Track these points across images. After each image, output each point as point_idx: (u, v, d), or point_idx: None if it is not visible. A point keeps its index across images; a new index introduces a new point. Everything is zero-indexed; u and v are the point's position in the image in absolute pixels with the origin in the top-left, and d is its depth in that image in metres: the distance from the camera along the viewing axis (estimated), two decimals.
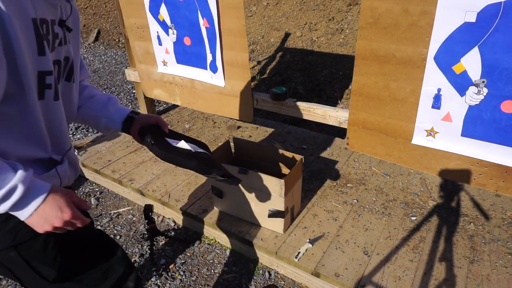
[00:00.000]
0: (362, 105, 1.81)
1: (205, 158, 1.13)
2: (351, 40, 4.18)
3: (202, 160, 1.10)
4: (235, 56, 2.09)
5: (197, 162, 1.07)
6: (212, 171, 1.11)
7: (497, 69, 1.38)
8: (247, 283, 1.78)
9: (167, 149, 1.04)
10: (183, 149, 1.11)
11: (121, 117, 1.11)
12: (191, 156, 1.08)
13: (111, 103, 1.14)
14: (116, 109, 1.13)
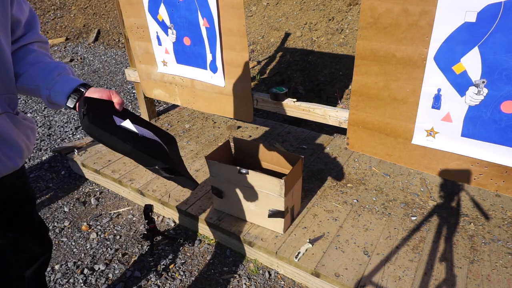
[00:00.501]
0: (362, 105, 1.81)
1: (150, 145, 0.92)
2: (351, 40, 4.18)
3: (144, 146, 0.88)
4: (235, 56, 2.09)
5: (134, 147, 0.84)
6: (154, 162, 0.88)
7: (497, 69, 1.38)
8: (247, 283, 1.78)
9: (100, 123, 0.83)
10: (124, 129, 0.90)
11: (67, 89, 0.92)
12: (130, 139, 0.86)
13: (58, 71, 0.95)
14: (64, 79, 0.94)
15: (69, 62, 5.20)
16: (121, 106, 0.97)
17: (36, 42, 1.02)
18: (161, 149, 0.96)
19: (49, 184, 2.60)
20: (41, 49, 1.03)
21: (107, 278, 1.85)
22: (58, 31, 6.19)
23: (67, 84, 0.93)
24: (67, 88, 0.92)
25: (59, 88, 0.93)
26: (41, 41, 1.04)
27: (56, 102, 0.94)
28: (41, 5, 6.60)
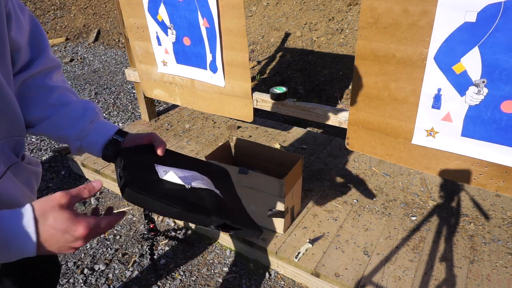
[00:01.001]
0: (362, 105, 1.81)
1: (201, 198, 0.76)
2: (351, 40, 4.18)
3: (193, 205, 0.72)
4: (235, 56, 2.09)
5: (182, 208, 0.69)
6: (209, 221, 0.72)
7: (497, 69, 1.38)
8: (247, 283, 1.78)
9: (141, 186, 0.69)
10: (169, 184, 0.75)
11: (102, 140, 0.80)
12: (177, 199, 0.71)
13: (89, 117, 0.80)
14: (97, 128, 0.80)
15: (69, 62, 5.20)
16: (163, 151, 0.83)
17: (49, 70, 0.82)
18: (214, 199, 0.78)
19: (49, 184, 2.60)
20: (61, 79, 0.85)
21: (107, 278, 1.85)
22: (58, 31, 6.19)
23: (101, 134, 0.80)
24: (102, 139, 0.80)
25: (92, 139, 0.80)
26: (54, 67, 0.83)
27: (88, 152, 0.83)
28: (41, 5, 6.60)
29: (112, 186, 2.47)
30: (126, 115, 3.62)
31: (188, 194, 0.75)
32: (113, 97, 4.02)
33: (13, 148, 0.75)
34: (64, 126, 0.79)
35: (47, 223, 0.55)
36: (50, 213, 0.55)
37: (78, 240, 0.57)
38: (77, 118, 0.80)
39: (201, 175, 0.85)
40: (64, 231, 0.55)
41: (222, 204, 0.78)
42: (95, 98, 4.02)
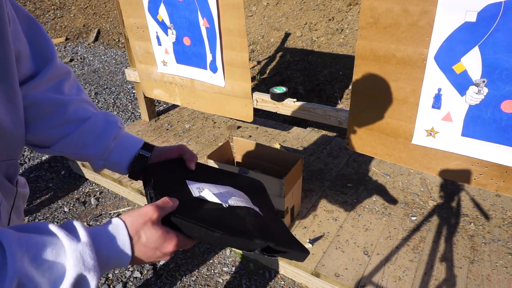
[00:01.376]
0: (362, 105, 1.81)
1: (240, 218, 0.69)
2: (351, 40, 4.18)
3: (233, 228, 0.64)
4: (235, 56, 2.09)
5: (223, 232, 0.61)
6: (252, 245, 0.64)
7: (497, 68, 1.37)
8: (247, 283, 1.78)
9: (177, 210, 0.62)
10: (207, 204, 0.68)
11: (127, 158, 0.74)
12: (215, 222, 0.63)
13: (111, 133, 0.73)
14: (120, 145, 0.74)
15: (69, 62, 5.20)
16: (194, 164, 0.76)
17: (59, 80, 0.72)
18: (254, 219, 0.70)
19: (49, 184, 2.60)
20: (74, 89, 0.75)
21: (107, 278, 1.85)
22: (58, 31, 6.19)
23: (126, 151, 0.74)
24: (127, 157, 0.74)
25: (116, 158, 0.74)
26: (63, 74, 0.73)
27: (113, 171, 0.77)
28: (41, 5, 6.60)
29: (112, 186, 2.47)
30: (126, 115, 3.62)
31: (226, 215, 0.67)
32: (113, 97, 4.02)
33: (4, 173, 0.65)
34: (84, 145, 0.71)
35: (140, 241, 0.54)
36: (143, 230, 0.54)
37: (166, 256, 0.58)
38: (99, 135, 0.72)
39: (236, 190, 0.78)
40: (155, 249, 0.55)
41: (263, 224, 0.71)
42: (95, 98, 4.02)
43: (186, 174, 0.76)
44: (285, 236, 0.73)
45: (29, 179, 2.66)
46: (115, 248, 0.52)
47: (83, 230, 0.49)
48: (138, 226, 0.54)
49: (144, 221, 0.54)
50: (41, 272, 0.44)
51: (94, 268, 0.48)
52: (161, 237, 0.55)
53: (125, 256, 0.53)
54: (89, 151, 0.72)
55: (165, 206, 0.58)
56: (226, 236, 0.62)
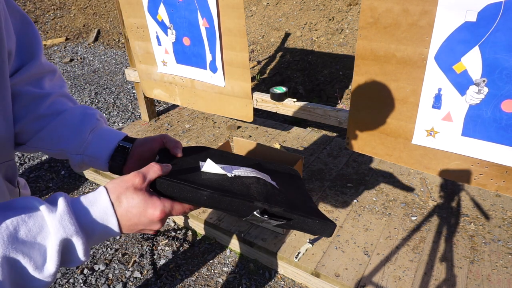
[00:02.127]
0: (362, 105, 1.81)
1: (244, 184, 0.63)
2: (351, 40, 4.18)
3: (228, 190, 0.59)
4: (235, 56, 2.09)
5: (213, 192, 0.57)
6: (249, 206, 0.58)
7: (498, 68, 1.37)
8: (247, 283, 1.78)
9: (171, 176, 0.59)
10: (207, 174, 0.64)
11: (105, 152, 0.69)
12: (206, 185, 0.59)
13: (88, 125, 0.69)
14: (98, 138, 0.69)
15: (69, 62, 5.20)
16: (180, 150, 0.70)
17: (40, 76, 0.70)
18: (263, 187, 0.64)
19: (49, 184, 2.60)
20: (57, 84, 0.73)
21: (107, 278, 1.85)
22: (58, 31, 6.19)
23: (105, 144, 0.69)
24: (106, 150, 0.69)
25: (94, 151, 0.68)
26: (45, 72, 0.71)
27: (93, 167, 0.72)
28: (41, 5, 6.60)
29: None
30: (126, 115, 3.62)
31: (227, 182, 0.62)
32: (113, 97, 4.02)
33: (4, 174, 0.65)
34: (59, 139, 0.67)
35: (122, 206, 0.53)
36: (124, 195, 0.53)
37: (154, 223, 0.55)
38: (75, 128, 0.68)
39: (255, 170, 0.70)
40: (139, 214, 0.53)
41: (272, 193, 0.64)
42: (95, 98, 4.02)
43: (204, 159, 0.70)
44: (303, 207, 0.64)
45: (29, 179, 2.66)
46: (96, 213, 0.51)
47: (62, 200, 0.50)
48: (120, 191, 0.53)
49: (126, 187, 0.53)
50: (29, 245, 0.46)
51: (77, 233, 0.49)
52: (143, 201, 0.53)
53: (109, 220, 0.52)
54: (64, 145, 0.68)
55: (149, 170, 0.56)
56: (218, 196, 0.57)
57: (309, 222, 0.60)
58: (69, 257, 0.50)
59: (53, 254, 0.47)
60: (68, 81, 4.54)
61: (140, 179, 0.54)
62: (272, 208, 0.58)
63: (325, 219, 0.61)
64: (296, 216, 0.59)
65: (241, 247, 1.91)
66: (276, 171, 0.75)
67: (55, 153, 0.70)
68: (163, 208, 0.55)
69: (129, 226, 0.54)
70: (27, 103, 0.67)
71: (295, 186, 0.74)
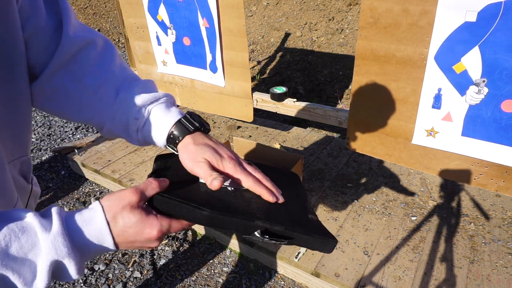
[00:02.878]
0: (362, 105, 1.81)
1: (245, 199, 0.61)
2: (351, 40, 4.18)
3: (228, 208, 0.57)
4: (235, 56, 2.09)
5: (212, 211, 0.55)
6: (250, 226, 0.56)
7: (498, 68, 1.37)
8: (247, 283, 1.78)
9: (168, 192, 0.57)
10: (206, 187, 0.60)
11: (161, 140, 0.65)
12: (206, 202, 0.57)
13: (131, 128, 0.65)
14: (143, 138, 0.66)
15: None
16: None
17: (74, 56, 0.64)
18: (264, 202, 0.62)
19: (49, 184, 2.60)
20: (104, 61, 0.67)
21: (107, 278, 1.85)
22: None
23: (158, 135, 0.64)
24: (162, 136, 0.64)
25: (151, 139, 0.65)
26: (86, 44, 0.65)
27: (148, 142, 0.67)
28: None
29: (112, 186, 2.47)
30: None
31: (228, 197, 0.60)
32: None
33: (19, 169, 0.65)
34: (117, 127, 0.66)
35: (118, 226, 0.51)
36: (120, 215, 0.51)
37: (151, 242, 0.54)
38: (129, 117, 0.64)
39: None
40: (136, 234, 0.52)
41: (275, 208, 0.61)
42: None
43: None
44: (304, 222, 0.62)
45: None
46: (91, 233, 0.50)
47: (57, 218, 0.48)
48: (116, 210, 0.51)
49: (122, 205, 0.51)
50: (19, 262, 0.45)
51: (69, 255, 0.48)
52: (140, 222, 0.52)
53: (105, 240, 0.51)
54: (121, 133, 0.66)
55: (147, 187, 0.54)
56: (217, 216, 0.55)
57: (310, 240, 0.58)
58: (60, 275, 0.49)
59: (43, 272, 0.47)
60: None
61: (137, 197, 0.52)
62: (273, 227, 0.56)
63: (326, 236, 0.59)
64: (297, 234, 0.57)
65: (241, 247, 1.91)
66: (275, 175, 0.72)
67: (114, 135, 0.69)
68: (160, 227, 0.53)
69: (125, 244, 0.53)
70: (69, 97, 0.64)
71: (295, 192, 0.72)
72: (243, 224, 0.56)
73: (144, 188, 0.54)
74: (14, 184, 0.63)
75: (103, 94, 0.64)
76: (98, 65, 0.65)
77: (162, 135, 0.64)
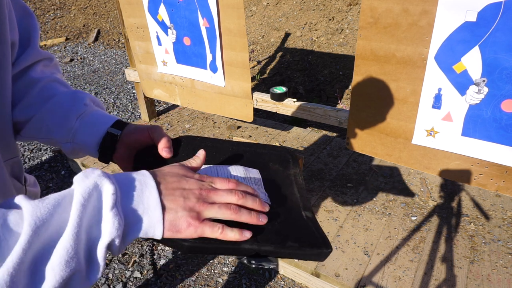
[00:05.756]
0: (362, 105, 1.81)
1: None
2: (351, 40, 4.18)
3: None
4: (235, 56, 2.09)
5: (194, 241, 0.50)
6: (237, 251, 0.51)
7: (498, 68, 1.37)
8: (247, 283, 1.78)
9: None
10: None
11: (93, 140, 0.64)
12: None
13: (76, 111, 0.64)
14: (86, 125, 0.64)
15: (69, 62, 5.20)
16: (168, 150, 0.62)
17: (37, 62, 0.68)
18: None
19: (49, 184, 2.60)
20: (48, 70, 0.70)
21: (107, 278, 1.85)
22: (58, 31, 6.19)
23: (93, 131, 0.64)
24: (95, 137, 0.64)
25: (82, 139, 0.64)
26: (44, 59, 0.69)
27: (87, 154, 0.67)
28: (41, 5, 6.60)
29: None
30: (126, 115, 3.62)
31: None
32: (113, 97, 4.02)
33: (10, 171, 0.63)
34: (48, 128, 0.64)
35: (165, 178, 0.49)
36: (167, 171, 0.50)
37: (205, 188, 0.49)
38: (63, 115, 0.64)
39: (246, 169, 0.61)
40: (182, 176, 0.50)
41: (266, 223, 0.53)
42: None
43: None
44: (297, 230, 0.55)
45: None
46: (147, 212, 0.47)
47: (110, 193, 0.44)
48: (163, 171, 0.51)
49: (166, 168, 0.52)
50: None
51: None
52: (183, 167, 0.52)
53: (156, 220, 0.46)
54: (53, 134, 0.64)
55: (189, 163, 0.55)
56: (200, 246, 0.50)
57: (300, 255, 0.53)
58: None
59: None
60: (68, 81, 4.54)
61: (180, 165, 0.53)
62: (261, 248, 0.51)
63: (320, 247, 0.53)
64: (288, 252, 0.52)
65: None
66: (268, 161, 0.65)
67: (47, 141, 0.67)
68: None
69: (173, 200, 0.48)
70: (20, 90, 0.64)
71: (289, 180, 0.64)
72: (229, 250, 0.50)
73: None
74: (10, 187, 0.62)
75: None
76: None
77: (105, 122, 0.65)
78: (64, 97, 0.66)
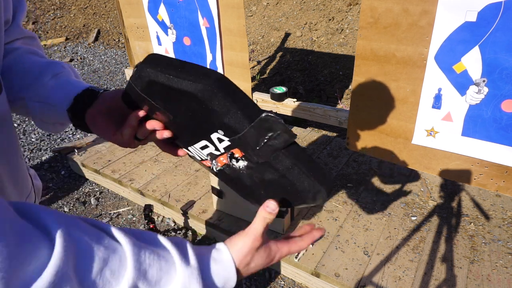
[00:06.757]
0: (362, 105, 1.81)
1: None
2: (351, 40, 4.18)
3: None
4: (235, 56, 2.09)
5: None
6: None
7: (498, 68, 1.37)
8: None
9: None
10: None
11: (66, 100, 0.59)
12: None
13: (52, 71, 0.61)
14: (60, 83, 0.60)
15: (69, 62, 5.20)
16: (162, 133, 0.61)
17: (17, 40, 0.66)
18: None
19: (49, 184, 2.60)
20: (26, 46, 0.67)
21: None
22: (58, 31, 6.19)
23: (67, 89, 0.60)
24: (68, 97, 0.59)
25: (54, 98, 0.59)
26: (24, 37, 0.67)
27: (52, 116, 0.61)
28: (41, 5, 6.60)
29: (112, 186, 2.47)
30: None
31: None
32: None
33: None
34: (19, 86, 0.59)
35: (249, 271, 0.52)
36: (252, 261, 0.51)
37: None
38: (38, 73, 0.60)
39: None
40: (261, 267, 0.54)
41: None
42: None
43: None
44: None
45: None
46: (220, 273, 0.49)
47: (192, 253, 0.47)
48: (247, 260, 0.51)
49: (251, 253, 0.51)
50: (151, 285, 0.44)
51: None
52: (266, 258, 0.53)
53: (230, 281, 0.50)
54: (24, 93, 0.60)
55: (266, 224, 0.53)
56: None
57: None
58: None
59: None
60: None
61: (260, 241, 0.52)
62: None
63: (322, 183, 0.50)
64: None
65: None
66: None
67: (18, 106, 0.62)
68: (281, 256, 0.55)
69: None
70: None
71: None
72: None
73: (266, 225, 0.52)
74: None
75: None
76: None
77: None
78: (41, 60, 0.64)
